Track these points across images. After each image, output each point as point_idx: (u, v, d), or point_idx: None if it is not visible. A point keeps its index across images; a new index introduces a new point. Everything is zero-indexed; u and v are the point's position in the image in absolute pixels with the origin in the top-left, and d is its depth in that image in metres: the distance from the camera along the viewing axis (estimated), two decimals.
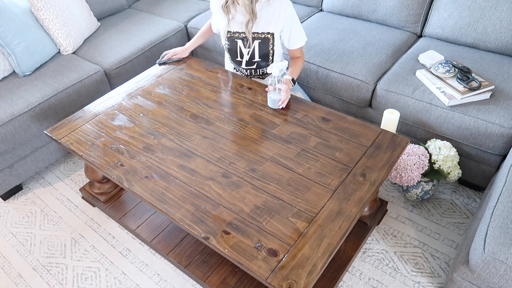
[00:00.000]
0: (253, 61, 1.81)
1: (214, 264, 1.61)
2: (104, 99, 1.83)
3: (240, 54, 1.79)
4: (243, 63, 1.83)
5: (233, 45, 1.78)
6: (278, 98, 1.63)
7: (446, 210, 1.88)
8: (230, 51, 1.82)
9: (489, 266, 1.19)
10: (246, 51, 1.76)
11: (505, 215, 1.24)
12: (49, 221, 1.98)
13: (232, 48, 1.79)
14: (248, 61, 1.80)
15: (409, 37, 2.24)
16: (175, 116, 1.68)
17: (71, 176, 2.20)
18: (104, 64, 2.26)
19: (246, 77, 1.89)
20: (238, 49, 1.78)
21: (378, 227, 1.83)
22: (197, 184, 1.38)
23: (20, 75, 2.12)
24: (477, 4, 1.97)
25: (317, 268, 1.11)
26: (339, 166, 1.41)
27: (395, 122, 1.74)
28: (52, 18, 2.18)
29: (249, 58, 1.79)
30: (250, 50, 1.76)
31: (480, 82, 1.74)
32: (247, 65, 1.83)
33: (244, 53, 1.77)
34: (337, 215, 1.25)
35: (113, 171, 1.46)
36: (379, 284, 1.62)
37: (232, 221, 1.25)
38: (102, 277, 1.72)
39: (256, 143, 1.52)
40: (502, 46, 1.97)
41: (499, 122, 1.65)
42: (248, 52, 1.76)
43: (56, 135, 1.64)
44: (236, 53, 1.80)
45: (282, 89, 1.62)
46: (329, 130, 1.56)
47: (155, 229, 1.77)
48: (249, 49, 1.75)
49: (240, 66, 1.85)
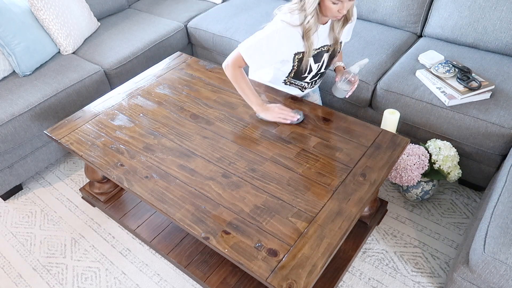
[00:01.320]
0: (319, 73, 1.70)
1: (214, 264, 1.61)
2: (104, 99, 1.83)
3: (309, 70, 1.63)
4: (308, 78, 1.69)
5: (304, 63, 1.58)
6: (348, 89, 1.65)
7: (446, 210, 1.88)
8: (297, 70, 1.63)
9: (489, 266, 1.19)
10: (316, 66, 1.63)
11: (505, 215, 1.24)
12: (49, 221, 1.98)
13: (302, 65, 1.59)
14: (315, 74, 1.69)
15: (409, 37, 2.24)
16: (175, 116, 1.68)
17: (71, 176, 2.20)
18: (104, 64, 2.26)
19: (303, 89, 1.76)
20: (308, 66, 1.60)
21: (378, 227, 1.83)
22: (197, 184, 1.38)
23: (20, 75, 2.12)
24: (477, 4, 1.97)
25: (317, 268, 1.11)
26: (339, 166, 1.41)
27: (395, 122, 1.74)
28: (52, 18, 2.18)
29: (316, 71, 1.67)
30: (319, 64, 1.63)
31: (480, 82, 1.74)
32: (311, 78, 1.70)
33: (314, 68, 1.63)
34: (337, 215, 1.25)
35: (113, 171, 1.46)
36: (379, 284, 1.62)
37: (232, 221, 1.25)
38: (102, 277, 1.72)
39: (256, 143, 1.52)
40: (502, 46, 1.97)
41: (499, 122, 1.65)
42: (318, 66, 1.64)
43: (56, 135, 1.64)
44: (304, 70, 1.62)
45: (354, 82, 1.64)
46: (329, 130, 1.56)
47: (155, 229, 1.77)
48: (319, 63, 1.63)
49: (303, 80, 1.70)
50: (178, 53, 2.12)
